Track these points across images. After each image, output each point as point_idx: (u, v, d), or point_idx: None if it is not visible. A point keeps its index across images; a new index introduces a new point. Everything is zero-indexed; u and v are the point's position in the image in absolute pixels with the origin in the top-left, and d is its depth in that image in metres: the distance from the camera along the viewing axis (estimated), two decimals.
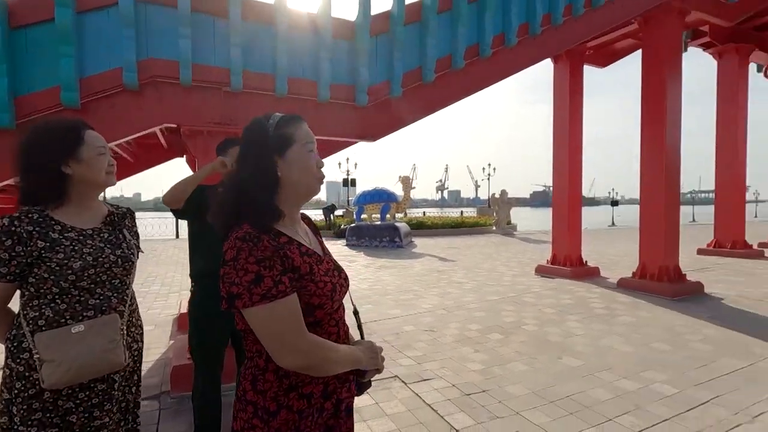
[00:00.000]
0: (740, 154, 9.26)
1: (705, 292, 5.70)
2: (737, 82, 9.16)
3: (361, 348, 1.15)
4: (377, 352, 1.19)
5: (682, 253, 9.80)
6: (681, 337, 4.06)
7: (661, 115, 5.55)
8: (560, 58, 6.92)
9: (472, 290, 6.22)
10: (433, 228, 17.53)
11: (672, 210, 5.67)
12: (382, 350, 1.25)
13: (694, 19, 6.29)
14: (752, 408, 2.72)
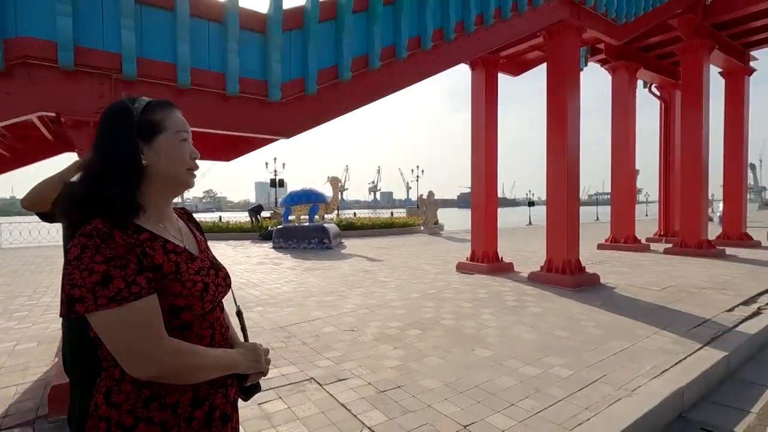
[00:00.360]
0: (630, 160, 10.46)
1: (601, 282, 6.34)
2: (627, 95, 10.35)
3: (240, 351, 1.09)
4: (260, 354, 1.14)
5: (584, 248, 10.86)
6: (578, 323, 4.47)
7: (563, 123, 6.09)
8: (477, 65, 7.31)
9: (395, 289, 6.32)
10: (363, 229, 17.61)
11: (572, 210, 6.23)
12: (267, 352, 1.19)
13: (590, 37, 6.98)
14: (632, 383, 3.05)
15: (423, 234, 17.82)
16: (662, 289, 5.91)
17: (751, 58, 11.62)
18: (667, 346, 3.78)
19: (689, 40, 9.08)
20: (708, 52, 9.31)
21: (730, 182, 11.50)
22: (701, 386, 3.20)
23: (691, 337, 4.02)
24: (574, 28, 6.07)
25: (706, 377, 3.27)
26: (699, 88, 9.17)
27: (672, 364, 3.39)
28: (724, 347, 3.75)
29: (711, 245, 9.35)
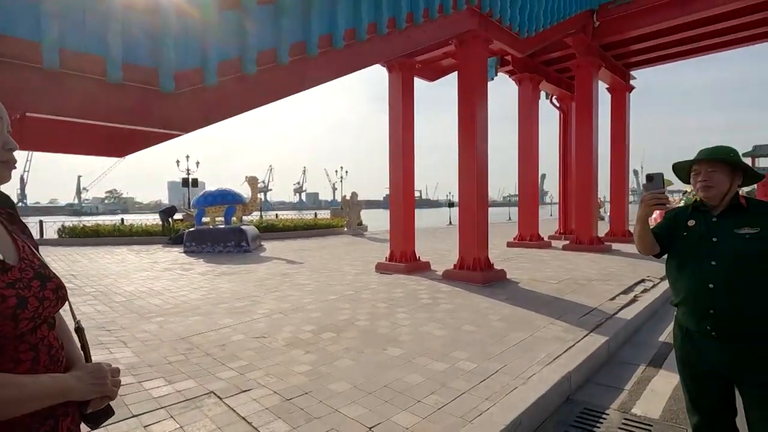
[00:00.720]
0: (534, 165, 11.38)
1: (507, 277, 6.80)
2: (531, 104, 11.25)
3: (76, 375, 0.93)
4: (105, 375, 0.98)
5: (495, 246, 11.62)
6: (485, 317, 4.72)
7: (472, 128, 6.43)
8: (393, 68, 7.45)
9: (313, 291, 6.19)
10: (285, 230, 17.09)
11: (482, 211, 6.61)
12: (118, 372, 1.04)
13: (497, 48, 7.45)
14: (528, 371, 3.27)
15: (346, 235, 17.77)
16: (559, 282, 6.49)
17: (631, 77, 13.31)
18: (560, 335, 4.13)
19: (581, 57, 10.13)
20: (597, 69, 10.46)
21: (615, 185, 13.04)
22: (586, 369, 3.53)
23: (581, 325, 4.43)
24: (482, 38, 6.44)
25: (591, 361, 3.62)
26: (589, 101, 10.26)
27: (563, 351, 3.70)
28: (606, 333, 4.19)
29: (600, 242, 10.50)
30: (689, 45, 11.40)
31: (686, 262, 1.80)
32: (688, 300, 1.77)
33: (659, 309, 5.63)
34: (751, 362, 1.64)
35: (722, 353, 1.69)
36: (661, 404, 2.99)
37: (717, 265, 1.69)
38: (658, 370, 3.64)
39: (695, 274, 1.75)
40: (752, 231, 1.67)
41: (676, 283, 1.86)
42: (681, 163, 1.87)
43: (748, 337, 1.64)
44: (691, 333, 1.78)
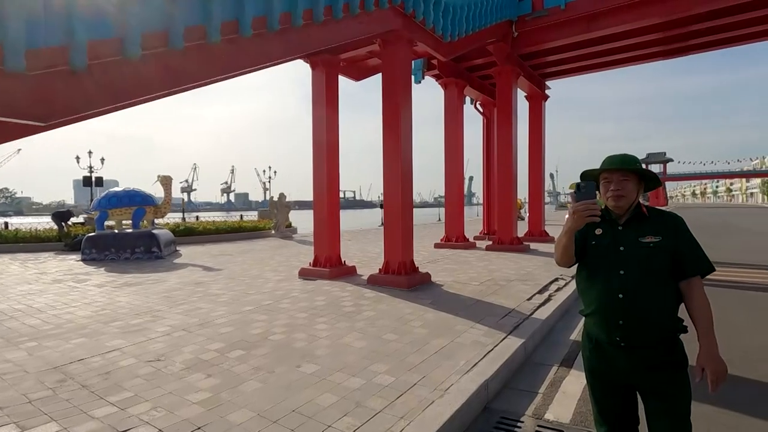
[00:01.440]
0: (459, 167, 11.68)
1: (432, 280, 6.79)
2: (457, 108, 11.53)
3: None
4: None
5: (424, 248, 11.75)
6: (407, 324, 4.59)
7: (396, 129, 6.33)
8: (317, 65, 7.14)
9: (227, 302, 5.68)
10: (206, 234, 15.92)
11: (407, 212, 6.53)
12: None
13: (422, 50, 7.45)
14: (445, 382, 3.16)
15: (274, 238, 17.03)
16: (481, 284, 6.61)
17: (547, 87, 14.21)
18: (480, 339, 4.12)
19: (502, 65, 10.56)
20: (516, 77, 10.97)
21: (533, 188, 13.84)
22: (504, 374, 3.52)
23: (500, 327, 4.47)
24: (406, 39, 6.36)
25: (508, 365, 3.62)
26: (509, 107, 10.73)
27: (481, 356, 3.67)
28: (522, 334, 4.26)
29: (520, 242, 11.03)
30: (595, 60, 12.41)
31: (596, 273, 1.76)
32: (598, 311, 1.74)
33: (571, 307, 5.92)
34: (658, 372, 1.64)
35: (631, 364, 1.67)
36: (571, 407, 3.03)
37: (625, 274, 1.67)
38: (569, 370, 3.74)
39: (605, 284, 1.72)
40: (655, 239, 1.68)
41: (586, 293, 1.82)
42: (590, 171, 1.83)
43: (656, 347, 1.65)
44: (600, 343, 1.75)
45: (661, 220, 1.72)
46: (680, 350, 1.68)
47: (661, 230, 1.69)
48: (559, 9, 9.74)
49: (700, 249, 1.70)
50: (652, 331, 1.64)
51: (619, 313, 1.66)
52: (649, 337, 1.65)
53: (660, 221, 1.72)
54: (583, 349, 1.86)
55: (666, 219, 1.73)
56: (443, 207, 12.91)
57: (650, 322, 1.64)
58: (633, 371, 1.67)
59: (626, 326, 1.65)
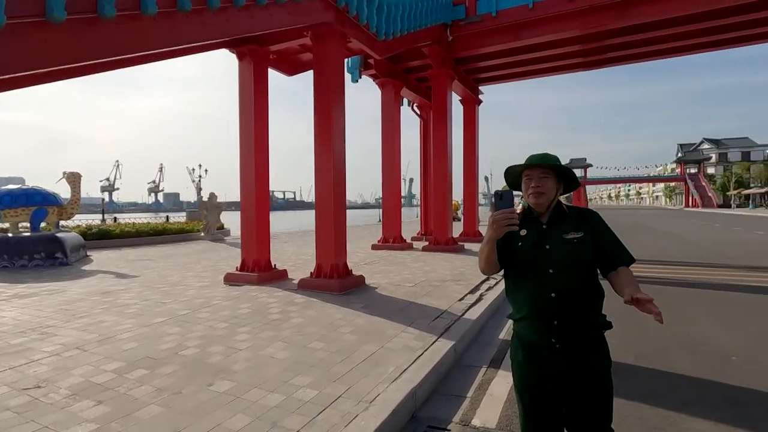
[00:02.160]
0: (397, 168, 11.67)
1: (366, 283, 6.62)
2: (393, 110, 11.51)
3: None
4: None
5: (361, 249, 11.59)
6: (336, 331, 4.36)
7: (328, 126, 6.09)
8: (243, 55, 6.68)
9: (135, 314, 5.08)
10: (123, 237, 14.53)
11: (339, 213, 6.31)
12: None
13: (357, 48, 7.27)
14: (372, 392, 2.98)
15: (204, 240, 15.98)
16: (415, 285, 6.55)
17: (480, 92, 14.70)
18: (411, 343, 4.00)
19: (437, 68, 10.70)
20: (450, 81, 11.18)
21: (467, 189, 14.22)
22: (433, 380, 3.41)
23: (431, 330, 4.39)
24: (338, 33, 6.15)
25: (437, 370, 3.53)
26: (444, 110, 10.90)
27: (411, 362, 3.54)
28: (452, 336, 4.21)
29: (455, 242, 11.23)
30: (524, 68, 13.03)
31: (525, 274, 1.73)
32: (531, 313, 1.69)
33: (501, 305, 6.04)
34: (590, 372, 1.65)
35: (566, 365, 1.65)
36: (497, 411, 2.99)
37: (555, 272, 1.67)
38: (497, 370, 3.73)
39: (536, 284, 1.69)
40: (578, 235, 1.70)
41: (517, 296, 1.77)
42: (513, 168, 1.81)
43: (589, 345, 1.66)
44: (532, 346, 1.71)
45: (580, 216, 1.75)
46: (607, 349, 1.71)
47: (582, 226, 1.71)
48: (491, 16, 10.05)
49: (619, 242, 1.75)
50: (585, 328, 1.66)
51: (554, 313, 1.64)
52: (582, 336, 1.66)
53: (579, 217, 1.75)
54: (515, 357, 1.78)
55: (584, 215, 1.77)
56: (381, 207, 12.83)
57: (583, 318, 1.66)
58: (568, 373, 1.65)
59: (561, 326, 1.64)
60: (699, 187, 67.36)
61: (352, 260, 9.14)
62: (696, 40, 10.98)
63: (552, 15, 9.63)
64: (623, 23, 9.53)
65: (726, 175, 67.06)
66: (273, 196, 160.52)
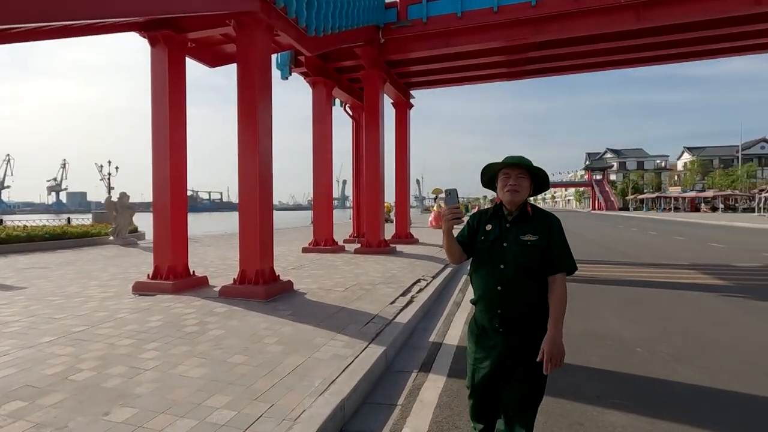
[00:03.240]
0: (328, 170, 11.42)
1: (294, 288, 6.32)
2: (325, 110, 11.26)
3: None
4: None
5: (291, 252, 11.15)
6: (260, 342, 4.06)
7: (253, 123, 5.72)
8: (157, 41, 6.06)
9: (17, 333, 4.33)
10: (11, 242, 12.62)
11: (265, 215, 5.95)
12: None
13: (285, 42, 6.95)
14: (297, 408, 2.76)
15: (114, 245, 14.40)
16: (346, 289, 6.38)
17: (411, 95, 14.94)
18: (340, 351, 3.83)
19: (369, 69, 10.65)
20: (383, 83, 11.19)
21: (399, 192, 14.37)
22: (363, 389, 3.27)
23: (361, 336, 4.25)
24: (264, 25, 5.80)
25: (368, 378, 3.39)
26: (376, 112, 10.88)
27: (340, 372, 3.37)
28: (383, 342, 4.11)
29: (387, 244, 11.25)
30: (454, 74, 13.47)
31: (482, 265, 1.96)
32: (483, 300, 1.95)
33: (432, 307, 6.09)
34: (523, 351, 1.88)
35: (506, 346, 1.90)
36: (428, 418, 2.92)
37: (505, 268, 1.88)
38: (428, 374, 3.69)
39: (488, 276, 1.92)
40: (533, 238, 1.87)
41: (475, 283, 2.01)
42: (491, 165, 1.97)
43: (523, 332, 1.90)
44: (485, 329, 1.97)
45: (541, 221, 1.92)
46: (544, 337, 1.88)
47: (539, 230, 1.89)
48: (422, 22, 10.22)
49: (568, 250, 1.92)
50: (524, 319, 1.89)
51: (498, 304, 1.89)
52: (522, 325, 1.89)
53: (540, 221, 1.92)
54: (470, 332, 2.06)
55: (545, 220, 1.93)
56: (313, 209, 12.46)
57: (523, 311, 1.88)
58: (509, 355, 1.90)
59: (503, 315, 1.89)
60: (603, 191, 74.99)
61: (281, 265, 8.75)
62: (600, 58, 12.11)
63: (479, 25, 10.03)
64: (541, 38, 10.21)
65: (625, 181, 75.49)
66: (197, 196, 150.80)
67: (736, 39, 10.82)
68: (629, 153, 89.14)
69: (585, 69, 13.57)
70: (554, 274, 1.87)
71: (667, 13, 8.99)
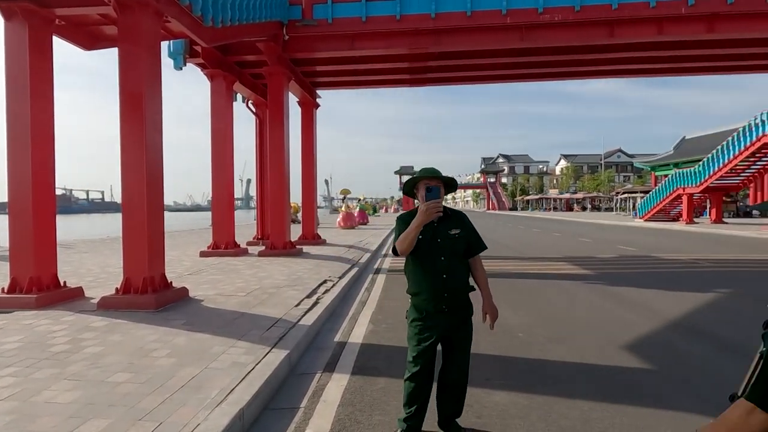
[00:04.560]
0: (229, 168, 10.80)
1: (190, 296, 5.87)
2: (226, 105, 10.64)
3: None
4: None
5: (186, 257, 10.29)
6: (148, 356, 3.70)
7: (139, 113, 5.17)
8: (13, 15, 5.13)
9: None
10: None
11: (155, 217, 5.42)
12: None
13: (178, 30, 6.42)
14: (191, 423, 2.58)
15: None
16: (248, 294, 6.11)
17: (318, 95, 14.82)
18: (240, 359, 3.66)
19: (273, 66, 10.32)
20: (287, 80, 10.93)
21: (306, 192, 14.16)
22: (265, 395, 3.18)
23: (263, 341, 4.11)
24: (152, 9, 5.28)
25: (269, 384, 3.30)
26: (281, 110, 10.59)
27: (239, 380, 3.22)
28: (287, 345, 4.03)
29: (293, 245, 11.01)
30: (360, 77, 13.69)
31: (424, 260, 2.38)
32: (428, 289, 2.36)
33: (337, 307, 6.12)
34: (463, 324, 2.49)
35: (450, 323, 2.42)
36: (331, 417, 2.94)
37: (444, 260, 2.37)
38: (332, 374, 3.71)
39: (432, 268, 2.36)
40: (458, 231, 2.41)
41: (415, 276, 2.43)
42: (414, 178, 2.43)
43: (461, 308, 2.47)
44: (430, 314, 2.39)
45: (456, 217, 2.48)
46: (472, 306, 2.53)
47: (459, 224, 2.43)
48: (327, 22, 10.20)
49: (479, 235, 2.54)
50: (462, 297, 2.45)
51: (443, 289, 2.35)
52: (460, 302, 2.45)
53: (456, 218, 2.47)
54: (410, 319, 2.48)
55: (459, 216, 2.49)
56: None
57: (461, 290, 2.43)
58: (451, 328, 2.43)
59: (449, 297, 2.37)
60: (496, 193, 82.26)
61: (176, 271, 8.07)
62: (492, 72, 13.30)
63: (382, 31, 10.33)
64: (440, 49, 10.87)
65: (514, 184, 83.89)
66: (70, 195, 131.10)
67: (596, 64, 12.72)
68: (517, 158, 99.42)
69: (479, 81, 14.78)
70: (474, 256, 2.51)
71: (542, 36, 10.22)
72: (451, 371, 2.51)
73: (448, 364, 2.52)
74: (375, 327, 5.09)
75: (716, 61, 12.48)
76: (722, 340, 4.59)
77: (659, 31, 9.99)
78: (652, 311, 5.76)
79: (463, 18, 9.91)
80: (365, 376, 3.65)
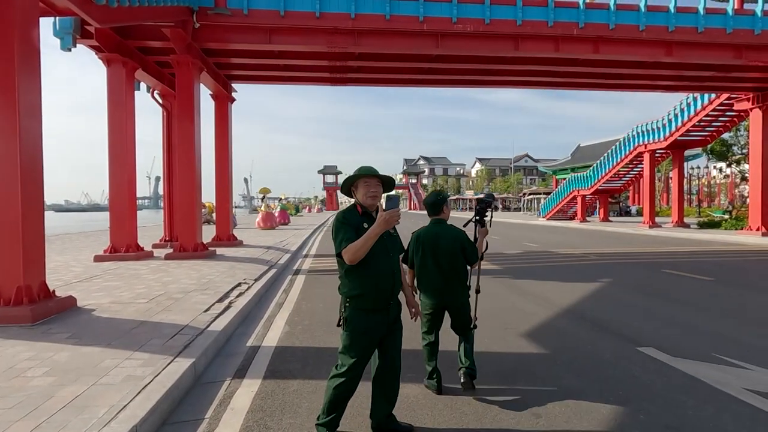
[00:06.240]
0: (130, 164, 9.82)
1: (78, 305, 5.22)
2: (126, 94, 9.65)
3: None
4: None
5: (78, 263, 9.15)
6: (20, 376, 3.22)
7: (11, 100, 4.47)
8: None
9: None
10: None
11: (33, 218, 4.73)
12: None
13: (63, 6, 5.67)
14: None
15: None
16: (150, 300, 5.60)
17: (233, 89, 14.08)
18: (137, 372, 3.34)
19: (181, 54, 9.59)
20: (198, 71, 10.23)
21: (220, 191, 13.38)
22: (165, 409, 2.93)
23: (166, 351, 3.80)
24: None
25: (170, 396, 3.05)
26: (191, 103, 9.88)
27: (134, 395, 2.94)
28: (193, 353, 3.76)
29: (205, 247, 10.34)
30: (278, 72, 13.27)
31: (372, 259, 2.34)
32: (376, 288, 2.40)
33: (252, 311, 5.87)
34: (398, 317, 2.60)
35: (391, 317, 2.52)
36: (238, 425, 2.80)
37: (393, 256, 2.52)
38: (242, 380, 3.54)
39: (383, 266, 2.41)
40: (394, 231, 2.54)
41: (361, 278, 2.39)
42: (352, 176, 2.48)
43: (397, 306, 2.58)
44: (375, 312, 2.44)
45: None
46: (401, 305, 2.64)
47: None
48: (242, 13, 9.74)
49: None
50: (397, 295, 2.55)
51: (392, 285, 2.47)
52: (397, 300, 2.56)
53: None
54: (358, 321, 2.42)
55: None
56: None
57: (398, 289, 2.58)
58: (391, 322, 2.52)
59: (393, 296, 2.51)
60: (417, 194, 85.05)
61: (63, 278, 7.16)
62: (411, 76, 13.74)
63: (301, 27, 10.14)
64: (359, 50, 10.95)
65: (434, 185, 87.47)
66: None
67: (505, 75, 13.75)
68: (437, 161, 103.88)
69: (398, 83, 15.15)
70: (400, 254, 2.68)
71: (456, 45, 10.80)
72: (393, 368, 2.62)
73: (387, 363, 2.59)
74: (291, 329, 4.97)
75: (603, 78, 14.19)
76: (600, 323, 5.22)
77: (556, 48, 11.09)
78: (549, 301, 6.36)
79: (382, 21, 10.08)
80: (278, 379, 3.54)
